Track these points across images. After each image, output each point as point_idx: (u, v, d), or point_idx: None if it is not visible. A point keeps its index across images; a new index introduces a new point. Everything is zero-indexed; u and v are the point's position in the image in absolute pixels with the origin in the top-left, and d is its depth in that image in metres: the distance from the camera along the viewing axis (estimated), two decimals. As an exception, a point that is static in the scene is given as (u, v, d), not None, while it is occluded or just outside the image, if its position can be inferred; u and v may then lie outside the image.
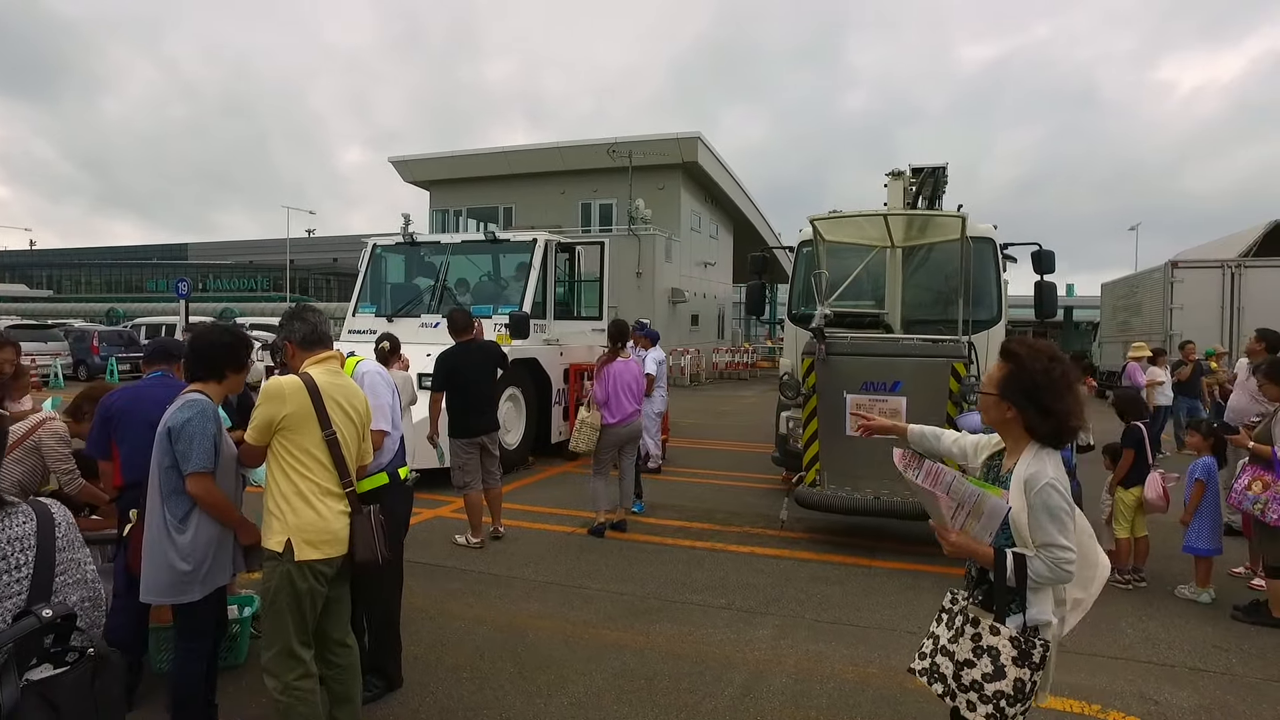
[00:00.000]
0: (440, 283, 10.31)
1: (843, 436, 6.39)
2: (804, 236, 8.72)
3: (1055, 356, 2.32)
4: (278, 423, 2.87)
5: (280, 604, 2.85)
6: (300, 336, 3.10)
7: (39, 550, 1.56)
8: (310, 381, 2.94)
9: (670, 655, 4.30)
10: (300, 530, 2.86)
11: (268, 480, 2.96)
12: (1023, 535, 2.22)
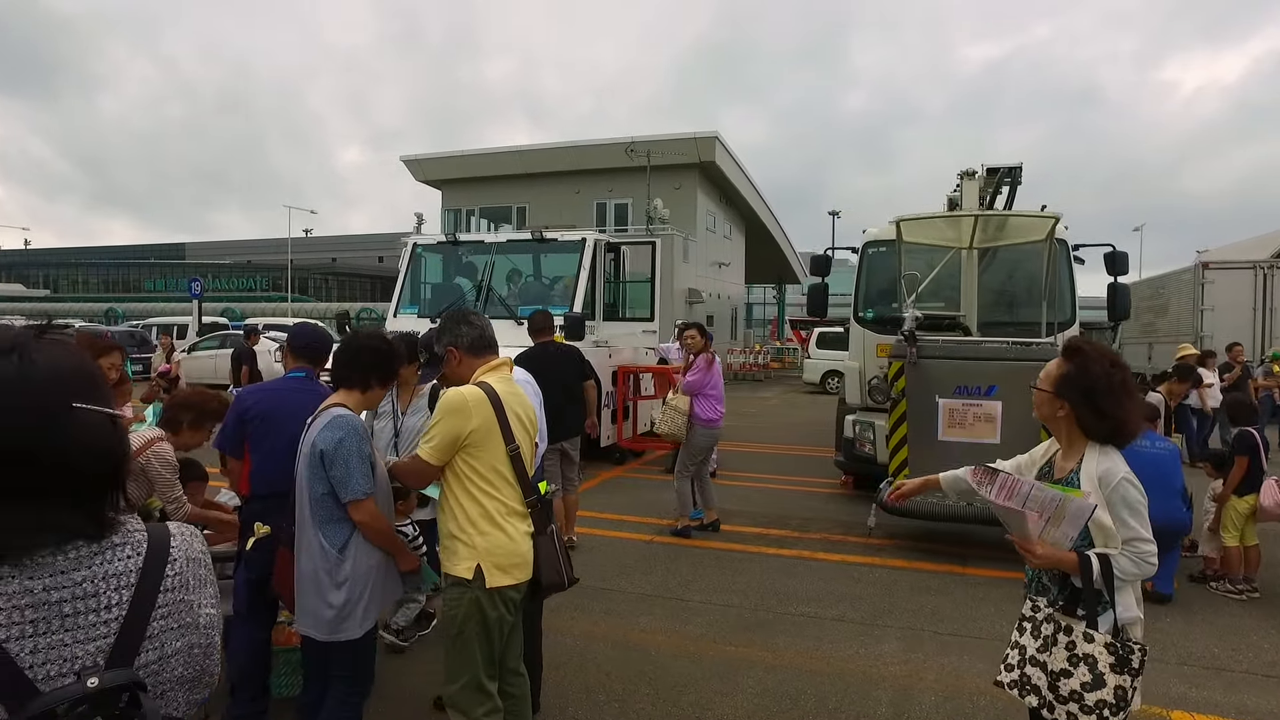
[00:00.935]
0: (486, 283, 10.10)
1: (935, 441, 6.25)
2: (870, 238, 8.58)
3: (1117, 362, 2.35)
4: (463, 439, 2.66)
5: (469, 634, 2.65)
6: (469, 342, 2.89)
7: (138, 590, 1.26)
8: (492, 392, 2.75)
9: (804, 672, 4.14)
10: (490, 554, 2.67)
11: (447, 501, 2.75)
12: (1103, 530, 2.20)
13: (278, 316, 28.60)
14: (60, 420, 1.12)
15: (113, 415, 1.24)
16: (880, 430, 8.02)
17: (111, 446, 1.19)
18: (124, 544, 1.22)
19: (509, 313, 9.78)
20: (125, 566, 1.21)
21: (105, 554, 1.19)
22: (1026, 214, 6.65)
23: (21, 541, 1.09)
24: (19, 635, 1.08)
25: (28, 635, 1.09)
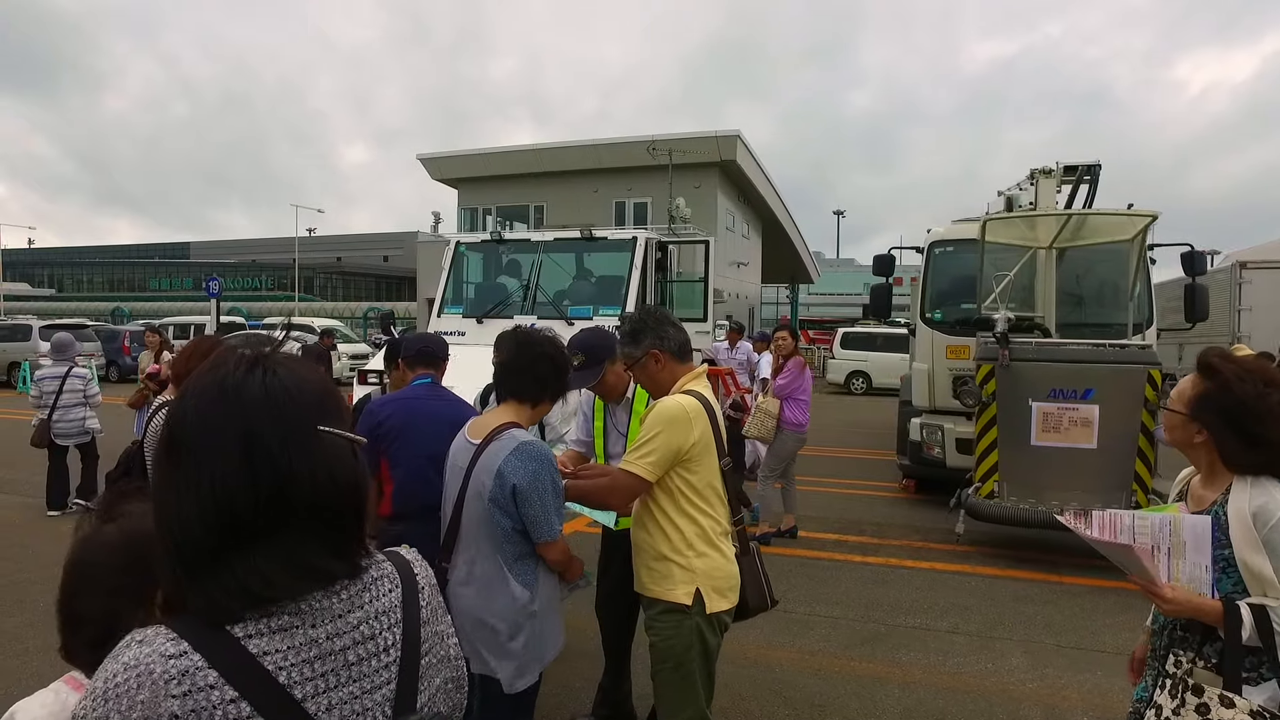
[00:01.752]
0: (534, 282, 9.91)
1: (1027, 446, 6.07)
2: (935, 237, 8.41)
3: (1272, 380, 1.92)
4: (684, 452, 2.45)
5: (690, 664, 2.46)
6: (676, 346, 2.67)
7: (405, 626, 1.09)
8: (706, 403, 2.55)
9: (941, 690, 3.96)
10: (709, 577, 2.48)
11: (655, 520, 2.52)
12: (1259, 579, 1.80)
13: (300, 317, 28.36)
14: (308, 446, 0.96)
15: (353, 440, 1.07)
16: (950, 433, 7.87)
17: (357, 473, 1.03)
18: (381, 577, 1.07)
19: (558, 313, 9.60)
20: (390, 602, 1.06)
21: (370, 590, 1.04)
22: (1120, 213, 6.46)
23: (286, 584, 0.94)
24: (314, 693, 0.93)
25: (321, 692, 0.94)
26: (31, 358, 17.80)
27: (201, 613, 0.89)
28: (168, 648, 0.86)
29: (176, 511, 0.90)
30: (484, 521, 2.38)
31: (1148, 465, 5.88)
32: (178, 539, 0.90)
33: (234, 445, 0.91)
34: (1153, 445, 5.89)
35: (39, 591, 5.07)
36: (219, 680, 0.86)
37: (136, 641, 0.87)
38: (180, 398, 0.96)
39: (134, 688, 0.83)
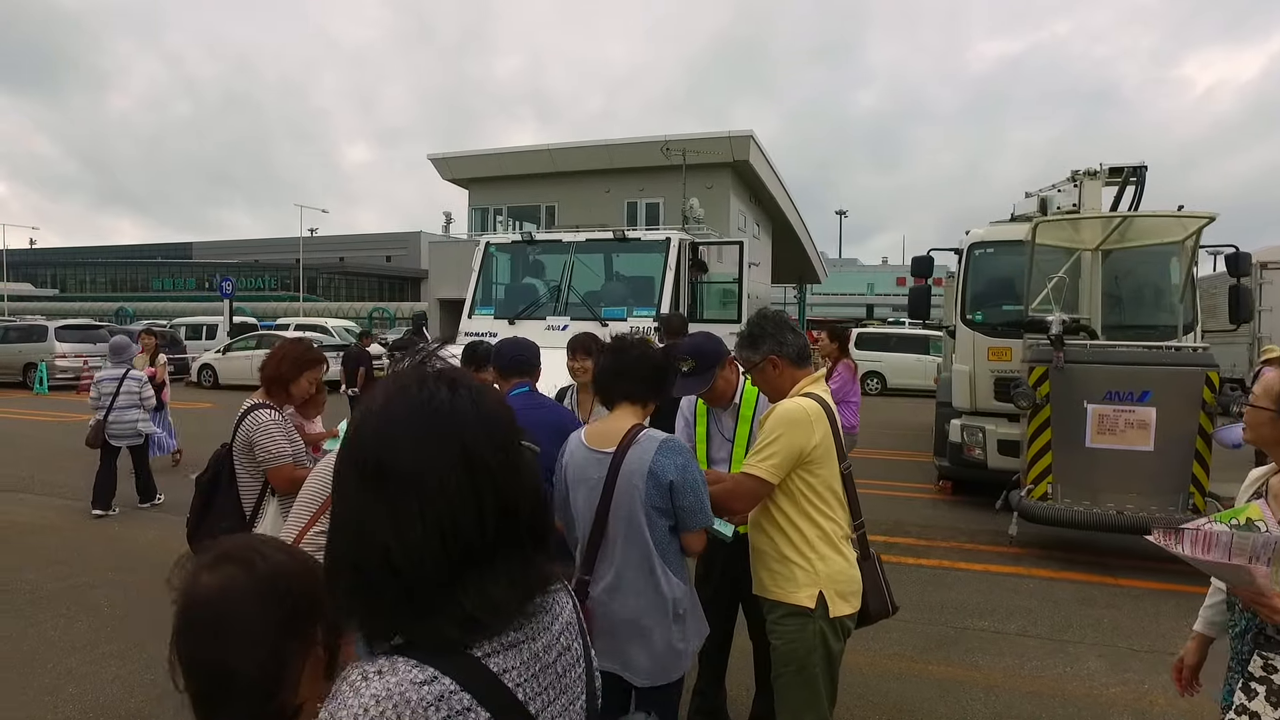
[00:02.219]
0: (567, 283, 9.89)
1: (1082, 448, 6.06)
2: (975, 239, 8.39)
3: None
4: (806, 455, 2.45)
5: (813, 669, 2.45)
6: (795, 351, 2.66)
7: (582, 634, 1.10)
8: (826, 406, 2.54)
9: (1025, 694, 3.94)
10: (832, 581, 2.47)
11: (775, 522, 2.53)
12: None
13: (307, 317, 28.33)
14: (517, 462, 0.95)
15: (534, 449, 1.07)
16: (992, 435, 7.85)
17: (539, 484, 1.02)
18: (560, 588, 1.06)
19: (591, 314, 9.59)
20: (571, 612, 1.06)
21: (559, 600, 1.04)
22: (1175, 214, 6.45)
23: (513, 605, 0.92)
24: (542, 706, 0.93)
25: (546, 705, 0.94)
26: (47, 358, 17.78)
27: (429, 641, 0.86)
28: (416, 674, 0.82)
29: (398, 543, 0.85)
30: (637, 527, 2.36)
31: (1205, 468, 5.86)
32: (403, 571, 0.85)
33: (456, 469, 0.87)
34: (1209, 447, 5.88)
35: (100, 596, 5.04)
36: (473, 703, 0.83)
37: (375, 673, 0.82)
38: (382, 422, 0.89)
39: (395, 715, 0.79)
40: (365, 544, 0.86)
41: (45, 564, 5.67)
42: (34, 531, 6.56)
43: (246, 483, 3.30)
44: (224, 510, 3.26)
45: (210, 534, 3.26)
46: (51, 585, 5.22)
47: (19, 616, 4.69)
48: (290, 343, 3.50)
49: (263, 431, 3.21)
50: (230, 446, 3.32)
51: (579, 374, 4.15)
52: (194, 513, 3.36)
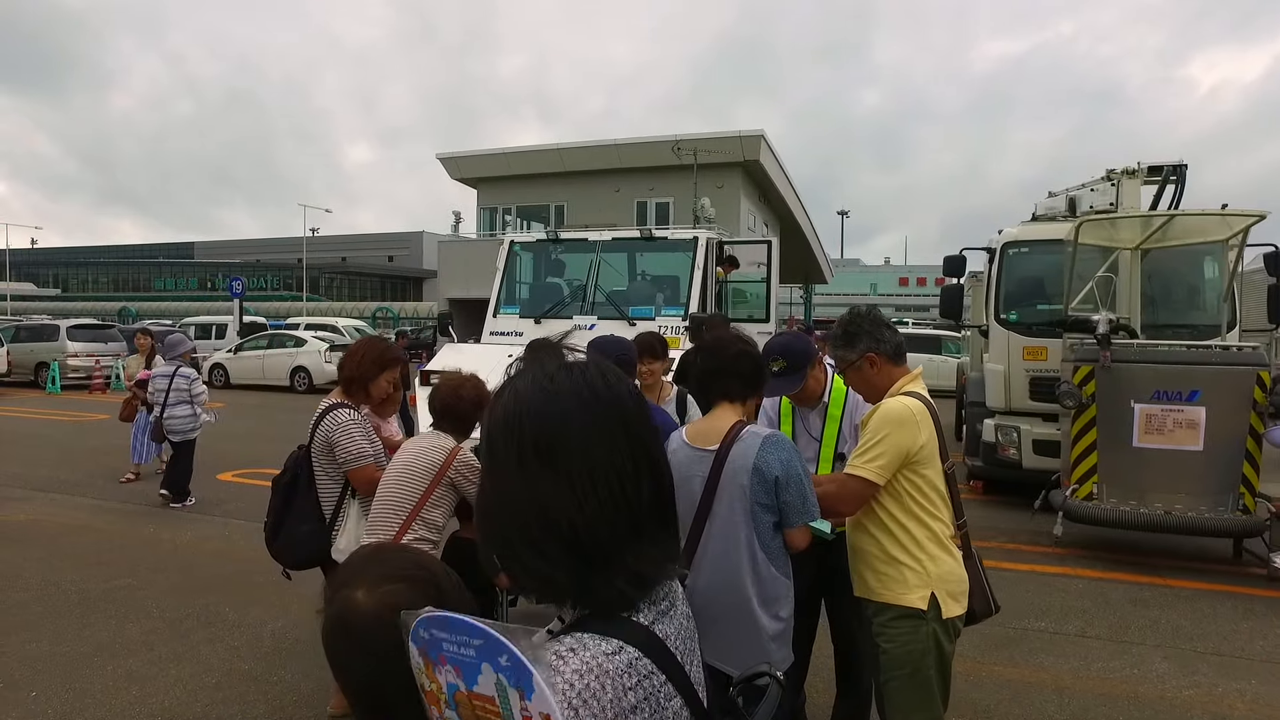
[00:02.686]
0: (593, 282, 9.84)
1: (1129, 448, 6.01)
2: (1009, 238, 8.35)
3: None
4: (913, 454, 2.40)
5: (926, 671, 2.40)
6: (893, 348, 2.61)
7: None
8: (930, 405, 2.50)
9: (1099, 696, 3.90)
10: (943, 581, 2.42)
11: (882, 523, 2.47)
12: None
13: (317, 316, 28.27)
14: (659, 438, 1.03)
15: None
16: (1027, 435, 7.81)
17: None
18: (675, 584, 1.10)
19: (619, 313, 9.54)
20: (678, 586, 1.08)
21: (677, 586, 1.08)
22: (1222, 213, 6.40)
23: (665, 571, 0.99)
24: (689, 669, 0.97)
25: (690, 668, 0.98)
26: (59, 358, 17.71)
27: (604, 607, 0.91)
28: (604, 646, 0.86)
29: (579, 516, 0.89)
30: (741, 523, 2.34)
31: (1255, 468, 5.83)
32: (582, 542, 0.89)
33: (621, 443, 0.93)
34: (1260, 447, 5.84)
35: (147, 598, 4.99)
36: (653, 667, 0.88)
37: (568, 651, 0.85)
38: (545, 403, 0.93)
39: (599, 689, 0.83)
40: (544, 519, 0.90)
41: (86, 565, 5.61)
42: (69, 532, 6.51)
43: (326, 485, 3.24)
44: (304, 513, 3.21)
45: (290, 537, 3.20)
46: (96, 586, 5.16)
47: (69, 618, 4.64)
48: (369, 341, 3.44)
49: (342, 432, 3.15)
50: (308, 448, 3.26)
51: (646, 376, 4.08)
52: (273, 515, 3.29)
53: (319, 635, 1.07)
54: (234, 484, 8.48)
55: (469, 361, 9.04)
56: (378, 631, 0.94)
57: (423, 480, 2.81)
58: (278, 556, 3.32)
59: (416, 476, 2.82)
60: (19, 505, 7.35)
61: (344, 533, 3.17)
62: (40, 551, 5.91)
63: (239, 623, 4.60)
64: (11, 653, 4.15)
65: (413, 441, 3.00)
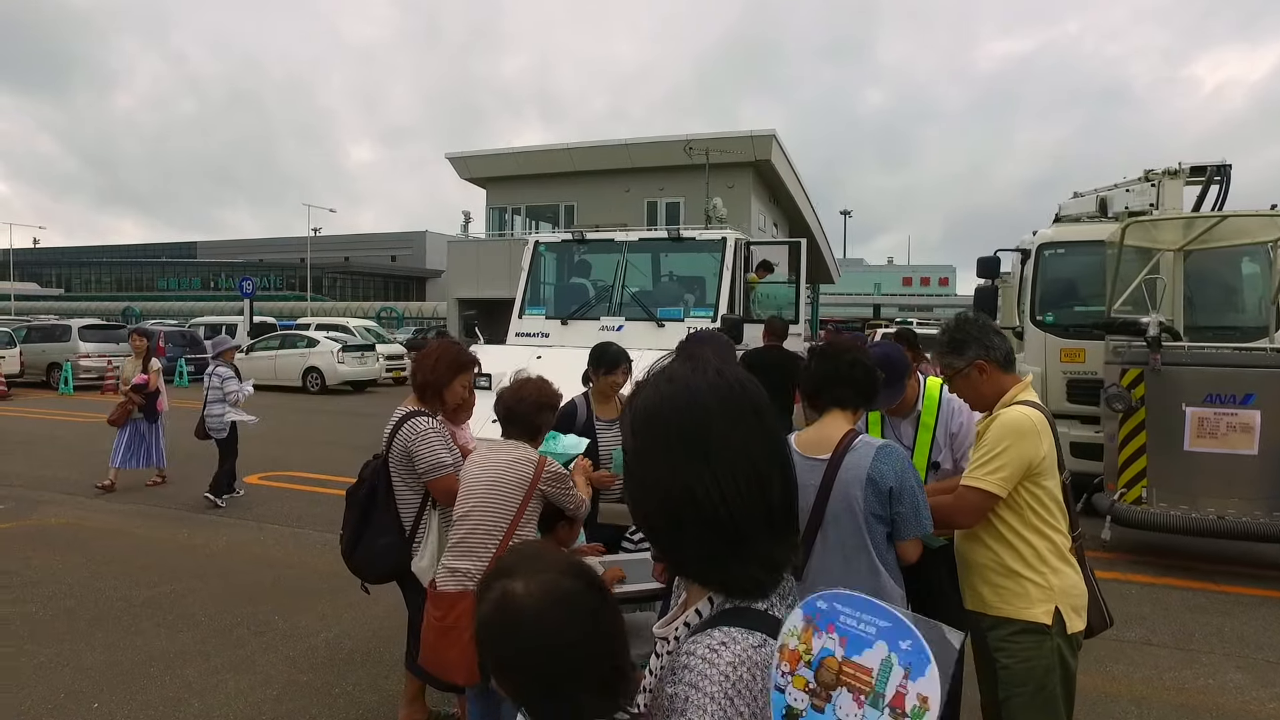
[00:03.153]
0: (620, 283, 9.75)
1: (1180, 452, 5.94)
2: (1044, 239, 8.29)
3: None
4: (1035, 466, 2.33)
5: (1053, 688, 2.33)
6: (1003, 355, 2.54)
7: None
8: (1049, 415, 2.42)
9: (1180, 707, 3.83)
10: (1067, 595, 2.35)
11: (1001, 535, 2.39)
12: None
13: (327, 316, 28.18)
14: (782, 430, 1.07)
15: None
16: (1064, 438, 7.70)
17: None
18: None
19: (647, 314, 9.45)
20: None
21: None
22: (1269, 214, 6.33)
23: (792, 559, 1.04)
24: None
25: None
26: (72, 358, 17.62)
27: (740, 587, 0.97)
28: (750, 639, 0.92)
29: (716, 500, 0.94)
30: (856, 535, 2.27)
31: (1311, 472, 5.74)
32: (728, 525, 0.95)
33: (760, 434, 0.99)
34: (1315, 451, 5.76)
35: (194, 605, 4.91)
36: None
37: (720, 644, 0.91)
38: (689, 398, 0.99)
39: (751, 679, 0.89)
40: (690, 504, 0.95)
41: (126, 571, 5.53)
42: (104, 536, 6.43)
43: (405, 495, 3.15)
44: (383, 525, 3.11)
45: (370, 550, 3.11)
46: (141, 593, 5.08)
47: (118, 625, 4.56)
48: (443, 345, 3.35)
49: (422, 440, 3.06)
50: (385, 457, 3.17)
51: (609, 388, 3.96)
52: (349, 528, 3.18)
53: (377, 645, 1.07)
54: (262, 487, 8.40)
55: (496, 362, 8.99)
56: (541, 617, 0.97)
57: (516, 494, 2.71)
58: (357, 570, 3.23)
59: (509, 491, 2.71)
60: (51, 509, 7.28)
61: (426, 545, 3.08)
62: (79, 557, 5.83)
63: (290, 632, 4.52)
64: (66, 662, 4.07)
65: (490, 452, 2.85)
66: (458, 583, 2.67)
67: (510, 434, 2.91)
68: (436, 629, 2.68)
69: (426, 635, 2.73)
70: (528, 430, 2.89)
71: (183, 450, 9.23)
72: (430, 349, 3.31)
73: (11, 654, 4.16)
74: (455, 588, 2.67)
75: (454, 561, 2.72)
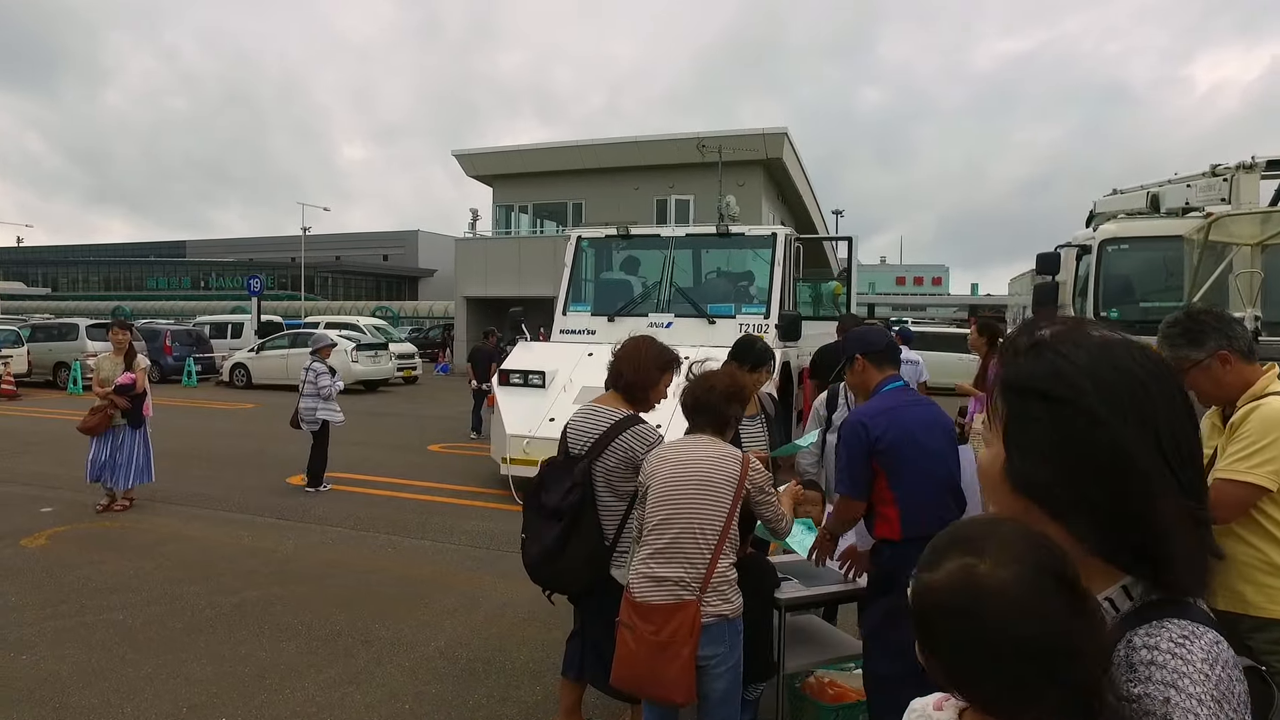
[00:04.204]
0: (668, 279, 9.59)
1: None
2: (1108, 235, 8.20)
3: None
4: None
5: None
6: (1246, 345, 2.42)
7: None
8: None
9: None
10: None
11: (1263, 528, 2.27)
12: None
13: (329, 315, 27.81)
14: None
15: None
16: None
17: None
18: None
19: (697, 311, 9.30)
20: None
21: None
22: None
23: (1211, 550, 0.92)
24: None
25: None
26: (80, 357, 17.24)
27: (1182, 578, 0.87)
28: (1212, 635, 0.83)
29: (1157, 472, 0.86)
30: None
31: None
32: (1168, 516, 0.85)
33: (1183, 414, 0.90)
34: None
35: (286, 615, 4.69)
36: (1237, 660, 0.84)
37: (1183, 638, 0.82)
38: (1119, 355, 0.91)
39: (1229, 679, 0.80)
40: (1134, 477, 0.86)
41: (201, 576, 5.30)
42: (164, 540, 6.18)
43: (609, 503, 2.95)
44: (589, 534, 2.91)
45: (574, 560, 2.91)
46: (226, 600, 4.86)
47: (214, 635, 4.34)
48: (645, 341, 3.16)
49: (649, 447, 2.87)
50: (589, 463, 2.96)
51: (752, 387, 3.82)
52: (548, 537, 2.91)
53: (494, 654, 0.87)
54: (310, 489, 8.17)
55: (544, 360, 8.81)
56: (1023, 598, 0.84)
57: (725, 494, 2.53)
58: (551, 582, 3.02)
59: (718, 491, 2.53)
60: (101, 512, 7.01)
61: (630, 555, 2.90)
62: (148, 562, 5.59)
63: (396, 641, 4.32)
64: (174, 673, 3.86)
65: (687, 449, 2.66)
66: (669, 594, 2.48)
67: (698, 426, 2.74)
68: (650, 644, 2.47)
69: (634, 651, 2.52)
70: (717, 421, 2.73)
71: (186, 450, 8.96)
72: (632, 347, 3.13)
73: (115, 664, 3.94)
74: (668, 599, 2.48)
75: (660, 569, 2.52)
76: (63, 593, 4.95)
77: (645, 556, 2.59)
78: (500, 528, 6.66)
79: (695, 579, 2.48)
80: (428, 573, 5.52)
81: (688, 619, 2.44)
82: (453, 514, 7.20)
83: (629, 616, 2.56)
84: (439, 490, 8.22)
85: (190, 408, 15.30)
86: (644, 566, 2.57)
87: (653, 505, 2.60)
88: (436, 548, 6.15)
